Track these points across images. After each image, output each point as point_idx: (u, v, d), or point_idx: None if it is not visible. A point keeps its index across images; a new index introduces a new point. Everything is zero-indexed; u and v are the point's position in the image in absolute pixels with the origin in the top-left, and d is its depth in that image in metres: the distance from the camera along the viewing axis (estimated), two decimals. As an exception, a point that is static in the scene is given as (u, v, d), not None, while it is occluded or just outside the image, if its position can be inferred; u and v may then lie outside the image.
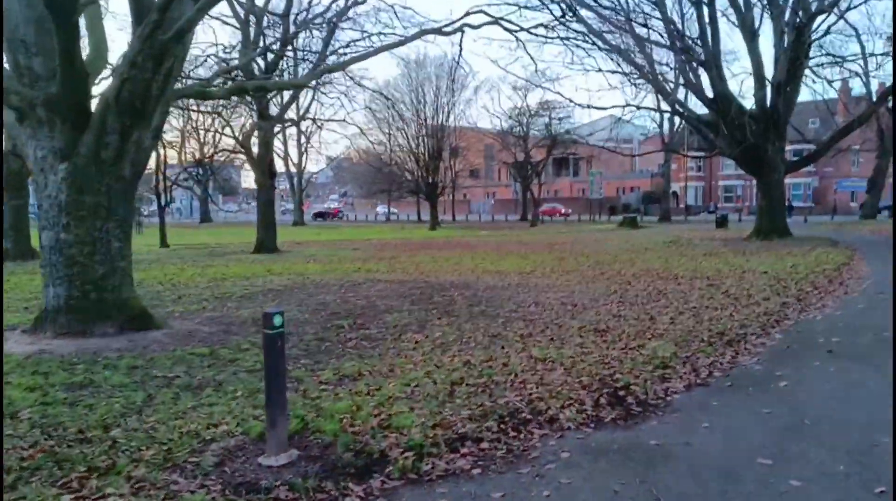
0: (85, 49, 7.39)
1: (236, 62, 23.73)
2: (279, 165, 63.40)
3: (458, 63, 18.62)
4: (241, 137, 25.65)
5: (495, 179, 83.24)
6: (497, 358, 5.95)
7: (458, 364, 5.75)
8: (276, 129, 28.75)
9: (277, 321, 3.77)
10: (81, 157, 7.00)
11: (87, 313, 7.16)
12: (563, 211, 62.55)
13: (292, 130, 56.62)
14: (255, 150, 25.29)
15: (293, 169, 58.81)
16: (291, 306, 9.67)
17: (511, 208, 66.21)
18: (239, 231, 45.87)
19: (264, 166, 25.09)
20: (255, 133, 25.63)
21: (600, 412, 4.49)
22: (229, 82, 24.36)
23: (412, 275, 14.27)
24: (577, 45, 22.55)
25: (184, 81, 24.34)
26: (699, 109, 25.71)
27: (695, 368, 5.69)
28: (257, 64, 24.19)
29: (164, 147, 30.70)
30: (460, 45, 24.25)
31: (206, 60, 23.84)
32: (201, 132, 41.63)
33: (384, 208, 71.88)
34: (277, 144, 57.00)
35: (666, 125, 44.60)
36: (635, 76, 24.19)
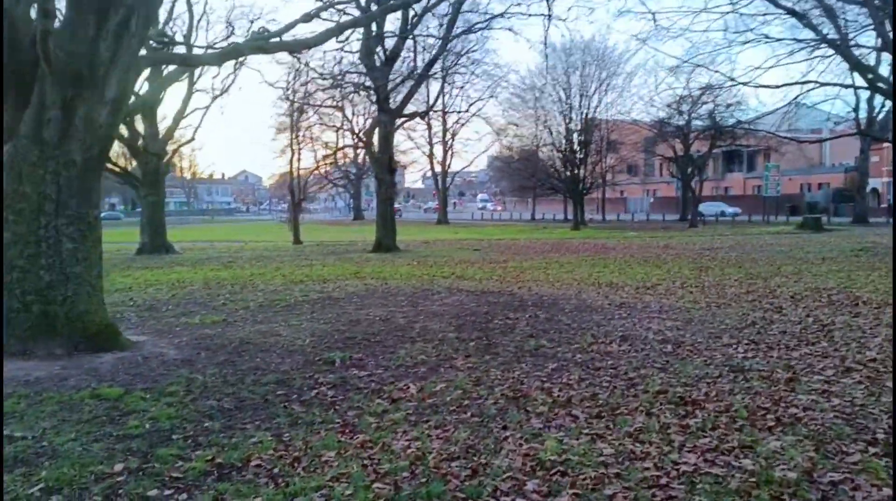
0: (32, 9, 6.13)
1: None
2: (424, 164, 63.93)
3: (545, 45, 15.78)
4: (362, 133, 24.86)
5: (656, 175, 76.70)
6: (479, 452, 3.58)
7: (410, 456, 3.50)
8: (400, 122, 27.67)
9: None
10: (21, 138, 5.75)
11: (29, 329, 5.90)
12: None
13: (437, 128, 56.42)
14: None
15: (437, 167, 58.44)
16: (314, 323, 7.93)
17: (672, 207, 60.18)
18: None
19: (384, 162, 24.08)
20: (377, 128, 24.71)
21: None
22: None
23: (503, 285, 11.98)
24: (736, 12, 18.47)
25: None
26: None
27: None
28: (377, 54, 23.18)
29: (299, 149, 31.18)
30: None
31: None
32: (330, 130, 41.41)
33: (539, 207, 69.22)
34: (420, 141, 57.32)
35: (864, 109, 36.93)
36: (816, 44, 19.39)
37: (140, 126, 24.19)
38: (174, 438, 3.92)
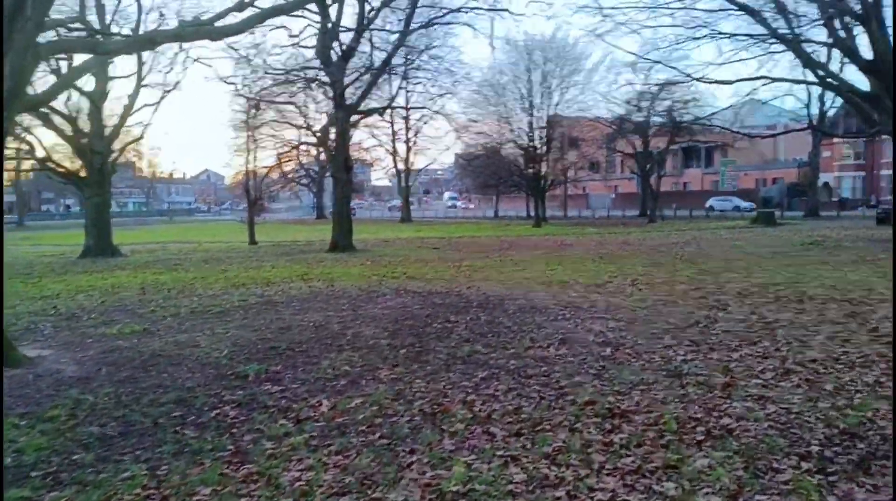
0: None
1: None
2: (390, 161, 63.25)
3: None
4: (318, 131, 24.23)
5: (617, 171, 77.47)
6: (375, 483, 3.19)
7: (296, 492, 3.08)
8: (357, 119, 27.09)
9: None
10: None
11: None
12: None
13: (400, 125, 55.81)
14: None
15: (401, 165, 57.84)
16: (242, 331, 7.43)
17: (633, 203, 60.76)
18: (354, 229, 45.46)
19: (340, 160, 23.49)
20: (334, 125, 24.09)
21: None
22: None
23: (453, 285, 11.61)
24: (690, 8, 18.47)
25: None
26: (858, 81, 20.50)
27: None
28: (334, 50, 22.57)
29: (255, 148, 30.32)
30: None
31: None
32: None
33: (502, 204, 69.07)
34: (384, 138, 56.60)
35: (816, 105, 37.77)
36: (769, 41, 19.52)
37: (86, 125, 23.13)
38: (34, 475, 3.42)
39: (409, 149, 56.73)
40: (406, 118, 54.70)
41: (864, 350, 5.61)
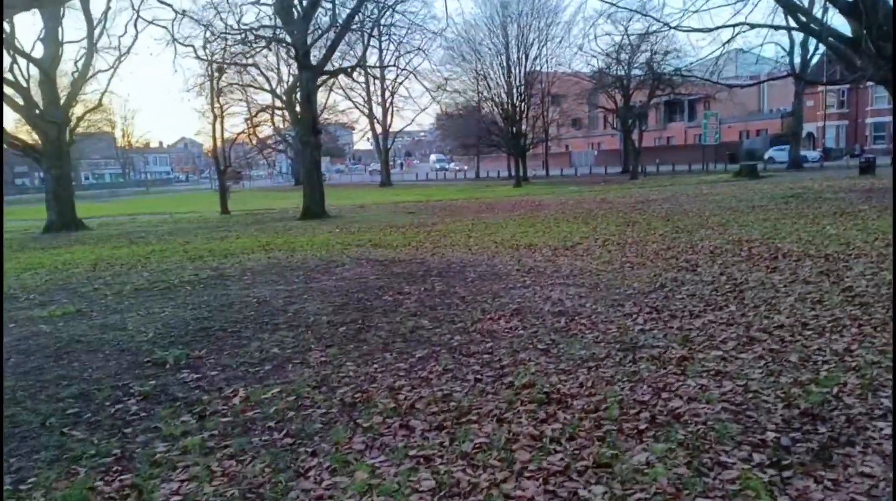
0: None
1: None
2: (363, 124, 61.87)
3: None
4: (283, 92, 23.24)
5: (600, 128, 76.55)
6: (262, 496, 2.74)
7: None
8: (324, 79, 26.12)
9: None
10: None
11: None
12: None
13: (377, 86, 54.35)
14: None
15: (379, 128, 56.60)
16: (179, 309, 6.92)
17: (616, 160, 60.15)
18: (330, 194, 44.54)
19: (307, 123, 22.64)
20: (298, 87, 23.12)
21: None
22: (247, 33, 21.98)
23: (418, 252, 11.14)
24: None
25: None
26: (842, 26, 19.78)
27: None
28: (295, 7, 21.51)
29: (221, 114, 29.23)
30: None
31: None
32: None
33: (486, 164, 67.94)
34: (359, 100, 55.15)
35: (798, 54, 36.99)
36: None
37: (38, 94, 22.03)
38: None
39: (385, 111, 55.44)
40: (381, 79, 53.28)
41: (836, 313, 5.22)
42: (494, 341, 4.97)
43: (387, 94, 54.42)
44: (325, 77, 24.29)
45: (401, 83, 53.04)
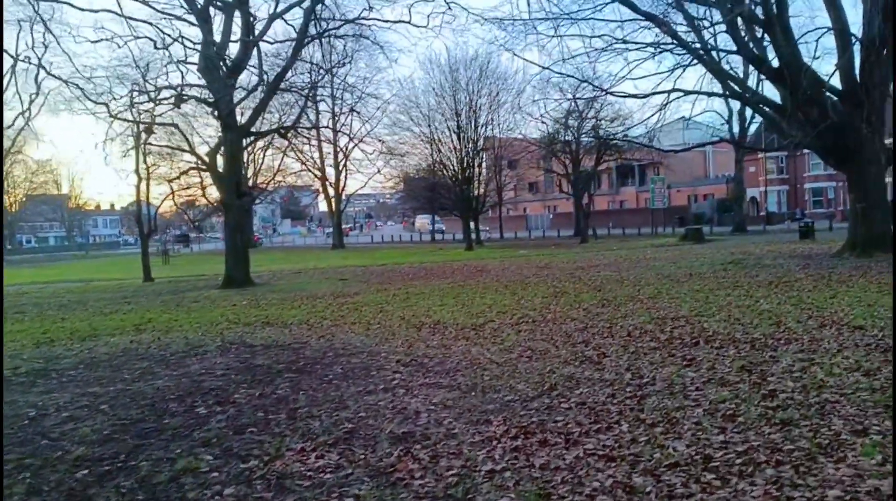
0: None
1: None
2: (316, 186, 60.76)
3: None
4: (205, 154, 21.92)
5: (555, 192, 77.26)
6: None
7: None
8: (250, 142, 25.06)
9: None
10: None
11: None
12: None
13: (328, 148, 53.70)
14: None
15: (331, 191, 55.62)
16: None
17: (570, 223, 60.22)
18: (275, 258, 42.89)
19: (230, 185, 21.29)
20: (222, 149, 21.88)
21: None
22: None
23: (307, 332, 9.69)
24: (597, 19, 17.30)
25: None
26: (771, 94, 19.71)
27: None
28: (223, 61, 20.49)
29: (147, 176, 27.71)
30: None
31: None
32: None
33: (441, 226, 66.78)
34: (310, 163, 54.29)
35: (736, 121, 37.76)
36: (679, 52, 18.53)
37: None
38: None
39: (338, 173, 54.62)
40: (334, 142, 52.73)
41: (750, 438, 3.94)
42: (281, 496, 3.51)
43: (340, 156, 53.79)
44: (251, 139, 23.14)
45: (355, 146, 52.67)
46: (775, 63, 16.15)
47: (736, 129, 37.78)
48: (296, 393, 5.77)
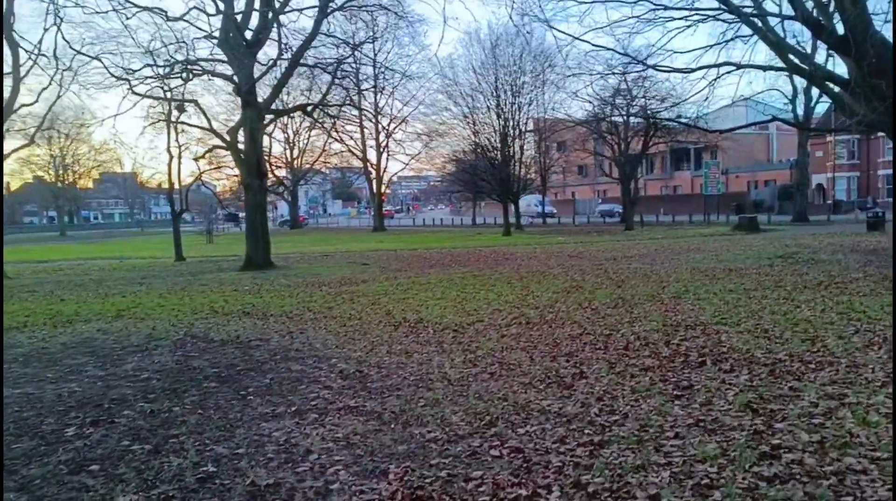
0: None
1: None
2: (356, 164, 60.15)
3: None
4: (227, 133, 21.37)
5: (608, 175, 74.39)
6: None
7: None
8: (270, 120, 24.37)
9: None
10: None
11: None
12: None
13: (370, 129, 53.04)
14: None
15: (372, 170, 55.06)
16: None
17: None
18: (314, 239, 42.66)
19: (251, 165, 20.68)
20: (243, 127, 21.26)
21: None
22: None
23: (283, 326, 8.82)
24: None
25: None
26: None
27: None
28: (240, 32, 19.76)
29: (179, 154, 27.60)
30: None
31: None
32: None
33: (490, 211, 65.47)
34: (351, 142, 53.75)
35: (801, 101, 34.73)
36: (728, 18, 16.56)
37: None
38: None
39: (379, 154, 53.92)
40: (375, 122, 51.98)
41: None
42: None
43: (382, 137, 53.04)
44: (271, 117, 22.45)
45: (396, 127, 51.80)
46: (840, 30, 14.12)
47: (801, 109, 34.80)
48: (193, 413, 4.82)
